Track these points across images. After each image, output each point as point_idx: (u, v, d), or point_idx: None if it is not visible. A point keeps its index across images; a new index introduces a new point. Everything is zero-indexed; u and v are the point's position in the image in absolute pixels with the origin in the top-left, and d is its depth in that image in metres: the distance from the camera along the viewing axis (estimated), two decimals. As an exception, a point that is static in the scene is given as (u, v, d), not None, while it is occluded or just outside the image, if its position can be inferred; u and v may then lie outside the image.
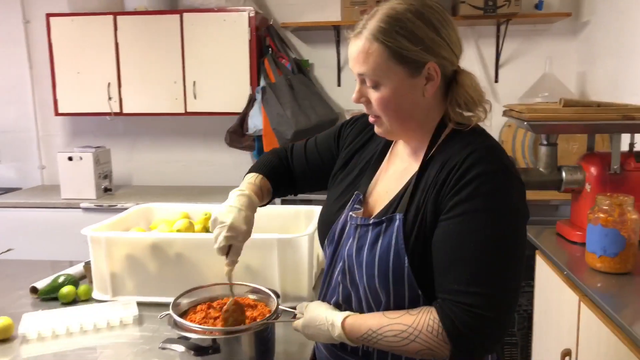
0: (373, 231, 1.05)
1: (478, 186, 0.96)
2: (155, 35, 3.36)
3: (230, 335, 1.12)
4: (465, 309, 0.94)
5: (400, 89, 1.03)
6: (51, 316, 1.46)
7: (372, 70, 1.02)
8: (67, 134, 3.91)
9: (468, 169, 0.97)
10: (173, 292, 1.52)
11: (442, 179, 1.00)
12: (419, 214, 1.01)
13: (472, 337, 0.94)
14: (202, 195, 3.42)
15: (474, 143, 1.01)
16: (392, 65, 1.01)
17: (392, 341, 0.99)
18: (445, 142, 1.06)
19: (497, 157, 1.00)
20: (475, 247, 0.95)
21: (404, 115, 1.05)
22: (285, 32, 3.59)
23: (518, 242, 0.98)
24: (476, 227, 0.95)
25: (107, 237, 1.56)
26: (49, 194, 3.51)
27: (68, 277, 1.65)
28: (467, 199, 0.96)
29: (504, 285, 0.95)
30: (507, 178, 0.98)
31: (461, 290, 0.94)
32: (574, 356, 1.77)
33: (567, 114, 2.02)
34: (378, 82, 1.03)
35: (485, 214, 0.95)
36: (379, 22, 1.01)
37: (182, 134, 3.82)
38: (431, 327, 0.96)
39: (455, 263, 0.96)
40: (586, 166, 2.10)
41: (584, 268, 1.85)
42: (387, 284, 1.01)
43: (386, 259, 1.01)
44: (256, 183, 1.28)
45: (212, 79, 3.36)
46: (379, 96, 1.03)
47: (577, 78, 3.39)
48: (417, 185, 1.04)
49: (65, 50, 3.45)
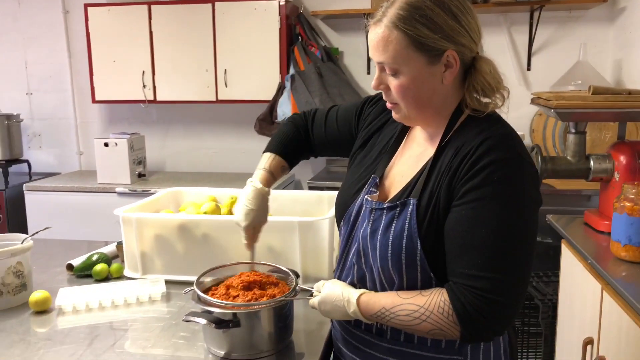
0: (387, 215, 1.08)
1: (490, 173, 0.98)
2: (187, 24, 3.43)
3: (250, 310, 1.17)
4: (475, 292, 0.96)
5: (419, 77, 1.04)
6: (85, 291, 1.55)
7: (391, 58, 1.03)
8: (104, 121, 4.04)
9: (481, 156, 0.99)
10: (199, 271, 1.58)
11: (456, 165, 1.02)
12: (433, 199, 1.03)
13: (481, 320, 0.96)
14: (232, 182, 3.49)
15: (488, 130, 1.03)
16: (411, 53, 1.02)
17: (404, 320, 1.02)
18: (460, 128, 1.08)
19: (510, 144, 1.01)
20: (487, 233, 0.97)
21: (423, 102, 1.07)
22: (315, 20, 3.61)
23: (529, 229, 0.99)
24: (488, 214, 0.97)
25: (137, 218, 1.63)
26: (86, 179, 3.65)
27: (101, 256, 1.74)
28: (480, 186, 0.98)
29: (514, 271, 0.97)
30: (519, 166, 0.99)
31: (472, 274, 0.97)
32: (595, 344, 1.77)
33: (596, 101, 1.99)
34: (397, 70, 1.04)
35: (497, 201, 0.97)
36: (399, 9, 1.02)
37: (213, 122, 3.90)
38: (442, 308, 0.98)
39: (466, 248, 0.98)
40: (615, 155, 2.07)
41: (609, 257, 1.83)
42: (400, 267, 1.04)
43: (399, 242, 1.04)
44: (267, 168, 1.39)
45: (242, 67, 3.42)
46: (398, 84, 1.05)
47: (613, 66, 3.31)
48: (431, 170, 1.06)
49: (102, 40, 3.56)
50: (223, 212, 1.80)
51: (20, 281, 1.52)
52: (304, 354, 1.25)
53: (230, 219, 1.66)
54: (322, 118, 1.42)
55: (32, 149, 4.12)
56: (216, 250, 1.61)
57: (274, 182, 1.41)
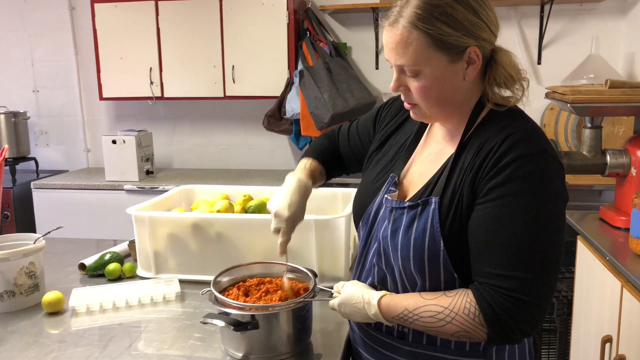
0: (408, 214, 1.05)
1: (515, 169, 0.95)
2: (195, 20, 3.40)
3: (269, 312, 1.15)
4: (503, 292, 0.93)
5: (442, 76, 1.01)
6: (98, 291, 1.53)
7: (412, 60, 0.99)
8: (111, 118, 4.02)
9: (505, 152, 0.96)
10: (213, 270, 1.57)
11: (479, 162, 0.99)
12: (455, 198, 1.01)
13: (509, 321, 0.94)
14: (241, 178, 3.47)
15: (511, 125, 1.00)
16: (432, 53, 0.98)
17: (428, 322, 0.99)
18: (482, 124, 1.05)
19: (535, 139, 0.98)
20: (513, 230, 0.94)
21: (445, 101, 1.04)
22: (323, 15, 3.58)
23: (557, 226, 0.97)
24: (514, 211, 0.94)
25: (150, 217, 1.61)
26: (94, 176, 3.63)
27: (114, 255, 1.72)
28: (505, 183, 0.95)
29: (542, 270, 0.94)
30: (545, 161, 0.97)
31: (499, 274, 0.94)
32: (614, 343, 1.74)
33: (613, 95, 1.96)
34: (418, 71, 1.00)
35: (523, 198, 0.94)
36: (416, 8, 0.98)
37: (221, 118, 3.87)
38: (468, 309, 0.96)
39: (492, 247, 0.95)
40: (632, 150, 2.04)
41: (628, 254, 1.80)
42: (423, 267, 1.02)
43: (421, 242, 1.01)
44: (307, 167, 1.34)
45: (250, 63, 3.39)
46: (420, 85, 1.01)
47: (625, 59, 3.27)
48: (453, 168, 1.03)
49: (109, 36, 3.53)
50: (236, 210, 1.77)
51: (32, 282, 1.50)
52: (322, 355, 1.24)
53: (244, 217, 1.65)
54: (345, 132, 1.40)
55: (39, 146, 4.11)
56: (230, 249, 1.59)
57: (315, 181, 1.36)
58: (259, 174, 3.64)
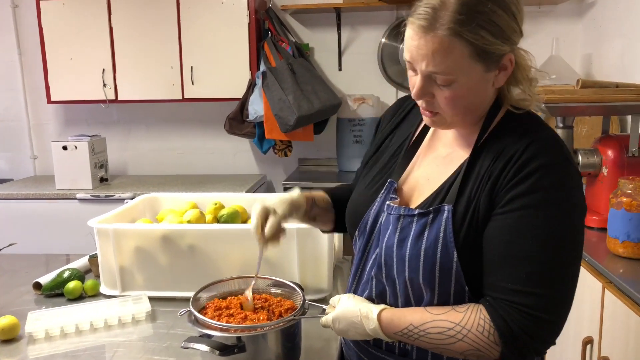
0: (418, 222, 0.97)
1: (539, 179, 0.89)
2: (150, 19, 3.25)
3: (256, 332, 1.05)
4: (521, 309, 0.88)
5: (475, 85, 0.93)
6: (58, 314, 1.38)
7: (450, 70, 0.90)
8: (60, 123, 3.79)
9: (528, 160, 0.90)
10: (185, 286, 1.46)
11: (499, 170, 0.92)
12: (471, 206, 0.94)
13: (527, 340, 0.88)
14: (201, 184, 3.33)
15: (533, 132, 0.94)
16: (472, 63, 0.90)
17: (436, 339, 0.92)
18: (499, 128, 0.98)
19: (558, 148, 0.93)
20: (534, 243, 0.88)
21: (471, 110, 0.97)
22: (284, 15, 3.48)
23: (578, 240, 0.92)
24: (536, 223, 0.89)
25: (115, 229, 1.48)
26: (42, 185, 3.41)
27: (74, 272, 1.57)
28: (527, 193, 0.89)
29: (563, 286, 0.89)
30: (568, 171, 0.92)
31: (517, 289, 0.88)
32: (595, 344, 1.73)
33: (586, 95, 1.96)
34: (452, 81, 0.91)
35: (546, 209, 0.89)
36: (457, 13, 0.87)
37: (179, 121, 3.72)
38: (482, 326, 0.89)
39: (510, 260, 0.89)
40: (603, 149, 2.05)
41: (605, 254, 1.80)
42: (433, 280, 0.94)
43: (433, 253, 0.94)
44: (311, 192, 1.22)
45: (210, 64, 3.26)
46: (451, 95, 0.93)
47: (583, 60, 3.33)
48: (467, 174, 0.96)
49: (56, 36, 3.32)
50: (207, 219, 1.66)
51: (-18, 306, 1.35)
52: (313, 375, 1.15)
53: (219, 228, 1.54)
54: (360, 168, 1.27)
55: (-20, 154, 3.83)
56: (204, 263, 1.48)
57: (315, 207, 1.20)
58: (220, 179, 3.51)
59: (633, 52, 2.70)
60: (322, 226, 1.26)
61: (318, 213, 1.21)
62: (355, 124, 3.30)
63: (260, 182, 3.52)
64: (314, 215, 1.20)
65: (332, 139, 3.49)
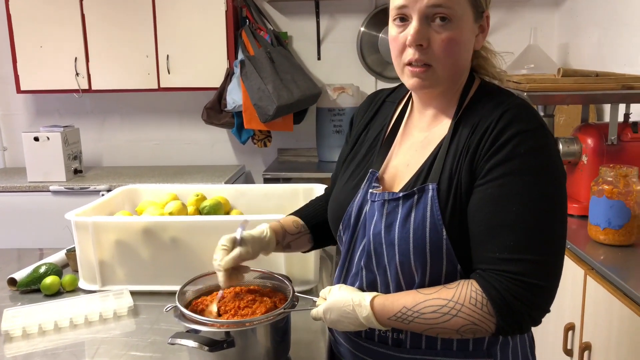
0: (404, 205, 0.96)
1: (516, 146, 0.90)
2: (125, 6, 3.15)
3: (245, 327, 1.02)
4: (512, 277, 0.87)
5: (467, 32, 0.97)
6: (36, 310, 1.33)
7: (452, 1, 0.94)
8: (30, 113, 3.67)
9: (503, 128, 0.91)
10: (168, 279, 1.43)
11: (476, 142, 0.93)
12: (453, 182, 0.94)
13: (521, 307, 0.87)
14: (178, 176, 3.28)
15: (505, 102, 0.96)
16: (467, 4, 0.96)
17: (431, 318, 0.91)
18: (472, 102, 1.00)
19: (532, 114, 0.94)
20: (518, 210, 0.88)
21: (460, 63, 0.99)
22: (262, 2, 3.43)
23: (562, 203, 0.92)
24: (517, 190, 0.89)
25: (94, 222, 1.43)
26: (12, 177, 3.31)
27: (50, 267, 1.51)
28: (505, 160, 0.90)
29: (552, 250, 0.89)
30: (544, 136, 0.93)
31: (505, 258, 0.88)
32: (577, 330, 1.75)
33: (567, 83, 1.97)
34: (452, 17, 0.94)
35: (526, 175, 0.89)
36: None
37: (155, 111, 3.64)
38: (474, 299, 0.88)
39: (496, 229, 0.89)
40: (582, 138, 2.06)
41: (586, 241, 1.82)
42: (424, 260, 0.93)
43: (422, 233, 0.93)
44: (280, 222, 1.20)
45: (187, 52, 3.19)
46: (447, 36, 0.94)
47: (559, 49, 3.37)
48: (447, 151, 0.97)
49: (25, 23, 3.21)
50: (189, 211, 1.62)
51: (-45, 304, 1.29)
52: (303, 369, 1.13)
53: (202, 220, 1.51)
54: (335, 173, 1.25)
55: (-55, 145, 3.69)
56: (187, 255, 1.44)
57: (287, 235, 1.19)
58: (198, 169, 3.46)
59: (609, 41, 2.73)
60: (300, 249, 1.24)
61: (291, 240, 1.19)
62: (335, 113, 3.28)
63: (239, 172, 3.48)
64: (287, 243, 1.19)
65: (311, 129, 3.45)
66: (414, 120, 1.09)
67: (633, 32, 2.49)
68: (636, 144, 2.01)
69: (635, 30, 2.47)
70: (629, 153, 2.00)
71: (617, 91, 1.95)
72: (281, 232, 1.17)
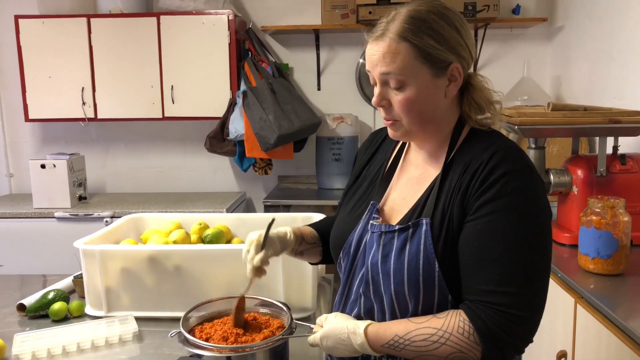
0: (399, 237, 1.03)
1: (504, 185, 0.97)
2: (131, 38, 3.27)
3: (246, 352, 1.08)
4: (496, 309, 0.93)
5: (425, 90, 1.02)
6: (45, 335, 1.39)
7: (399, 70, 1.01)
8: (37, 141, 3.76)
9: (493, 169, 0.98)
10: (171, 306, 1.48)
11: (467, 181, 1.00)
12: (446, 218, 1.01)
13: (505, 337, 0.93)
14: (180, 202, 3.34)
15: (495, 144, 1.02)
16: (419, 65, 1.01)
17: (421, 346, 0.97)
18: (464, 144, 1.07)
19: (519, 156, 1.01)
20: (504, 246, 0.95)
21: (426, 117, 1.05)
22: (264, 35, 3.54)
23: (546, 240, 0.99)
24: (504, 226, 0.95)
25: (102, 251, 1.49)
26: (18, 204, 3.37)
27: (58, 293, 1.57)
28: (494, 199, 0.97)
29: (534, 284, 0.95)
30: (531, 177, 0.99)
31: (491, 290, 0.94)
32: (569, 357, 1.79)
33: (556, 117, 2.05)
34: (404, 82, 1.01)
35: (513, 213, 0.96)
36: (403, 23, 1.01)
37: (159, 140, 3.73)
38: (462, 328, 0.94)
39: (483, 263, 0.96)
40: (573, 169, 2.13)
41: (577, 270, 1.87)
42: (417, 290, 1.00)
43: (415, 264, 1.00)
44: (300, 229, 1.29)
45: (190, 83, 3.29)
46: (404, 97, 1.02)
47: (552, 82, 3.46)
48: (440, 188, 1.04)
49: (35, 54, 3.31)
50: (192, 239, 1.68)
51: (-33, 329, 1.35)
52: (300, 393, 1.18)
53: (205, 249, 1.57)
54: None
55: (-47, 171, 3.77)
56: (190, 283, 1.50)
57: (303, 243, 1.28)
58: (200, 196, 3.52)
59: (598, 75, 2.83)
60: (309, 259, 1.32)
61: (305, 248, 1.28)
62: (334, 142, 3.36)
63: (240, 199, 3.54)
64: (301, 250, 1.27)
65: (311, 157, 3.54)
66: (410, 157, 1.17)
67: (620, 66, 2.59)
68: (624, 175, 2.08)
69: (622, 65, 2.57)
70: (618, 184, 2.06)
71: (604, 125, 2.03)
72: (299, 239, 1.25)
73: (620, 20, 2.60)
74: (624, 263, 1.78)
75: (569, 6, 3.21)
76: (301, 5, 3.50)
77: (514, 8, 3.37)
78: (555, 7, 3.38)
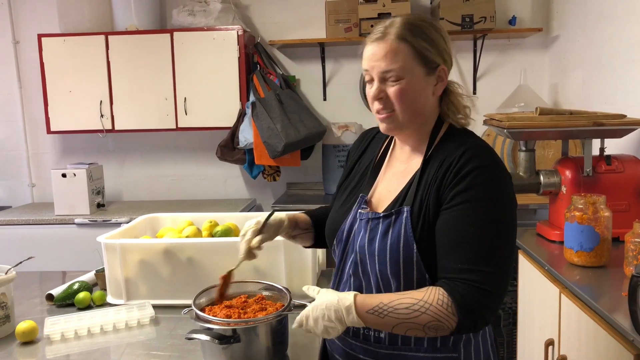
0: (383, 223, 1.18)
1: (474, 178, 1.11)
2: (146, 53, 3.46)
3: (248, 325, 1.22)
4: (471, 284, 1.07)
5: (418, 85, 1.18)
6: (72, 319, 1.55)
7: (399, 67, 1.16)
8: (57, 152, 3.96)
9: (465, 164, 1.13)
10: (184, 294, 1.63)
11: (442, 174, 1.15)
12: (423, 206, 1.15)
13: (479, 310, 1.07)
14: (193, 208, 3.50)
15: (467, 142, 1.17)
16: (415, 64, 1.16)
17: (403, 313, 1.07)
18: (441, 142, 1.22)
19: (488, 153, 1.16)
20: (476, 230, 1.09)
21: (416, 109, 1.20)
22: (272, 49, 3.72)
23: (512, 226, 1.13)
24: (475, 214, 1.10)
25: (121, 244, 1.65)
26: (40, 211, 3.56)
27: (83, 284, 1.73)
28: (466, 190, 1.11)
29: (502, 264, 1.10)
30: (498, 171, 1.14)
31: (465, 268, 1.08)
32: (556, 345, 1.90)
33: (543, 121, 2.18)
34: (401, 78, 1.16)
35: (483, 202, 1.10)
36: (402, 27, 1.17)
37: (173, 149, 3.91)
38: (441, 300, 1.07)
39: (458, 245, 1.09)
40: (562, 170, 2.25)
41: (563, 263, 1.99)
42: (398, 270, 1.14)
43: (397, 247, 1.14)
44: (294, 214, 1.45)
45: (202, 95, 3.47)
46: (399, 88, 1.17)
47: (550, 89, 3.59)
48: (419, 181, 1.18)
49: (57, 70, 3.52)
50: (204, 235, 1.84)
51: (4, 312, 1.50)
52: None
53: (214, 242, 1.72)
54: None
55: (-21, 182, 3.98)
56: (201, 273, 1.65)
57: (296, 228, 1.43)
58: (211, 203, 3.69)
59: (591, 81, 2.95)
60: (302, 243, 1.48)
61: (298, 233, 1.44)
62: (340, 149, 3.52)
63: (250, 205, 3.70)
64: (294, 234, 1.43)
65: (318, 164, 3.70)
66: (396, 153, 1.32)
67: (610, 73, 2.71)
68: (610, 175, 2.19)
69: (612, 72, 2.69)
70: (604, 184, 2.18)
71: (588, 127, 2.16)
72: (294, 224, 1.41)
73: (608, 29, 2.73)
74: (606, 256, 1.89)
75: (563, 16, 3.34)
76: (307, 20, 3.68)
77: (510, 19, 3.51)
78: (550, 18, 3.52)
